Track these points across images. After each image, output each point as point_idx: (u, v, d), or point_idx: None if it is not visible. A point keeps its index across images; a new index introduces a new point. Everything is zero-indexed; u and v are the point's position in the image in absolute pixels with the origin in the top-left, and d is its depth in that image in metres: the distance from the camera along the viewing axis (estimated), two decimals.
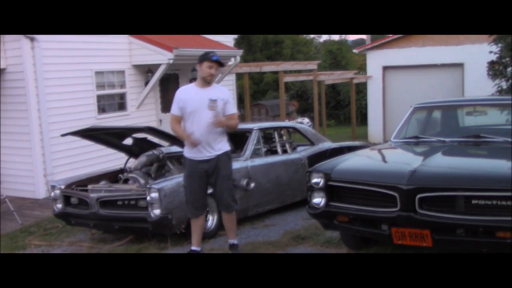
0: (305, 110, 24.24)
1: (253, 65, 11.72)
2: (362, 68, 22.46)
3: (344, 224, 4.55)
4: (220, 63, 5.01)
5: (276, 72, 24.50)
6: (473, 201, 3.89)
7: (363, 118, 20.06)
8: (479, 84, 13.82)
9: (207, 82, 4.98)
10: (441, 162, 4.44)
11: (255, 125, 7.18)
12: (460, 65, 14.53)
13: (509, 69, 9.27)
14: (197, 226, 5.14)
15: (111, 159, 9.09)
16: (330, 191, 4.58)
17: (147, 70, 10.43)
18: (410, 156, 5.03)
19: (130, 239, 6.23)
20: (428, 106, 5.81)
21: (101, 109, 9.85)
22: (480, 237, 3.91)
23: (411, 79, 15.31)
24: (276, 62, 12.79)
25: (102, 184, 6.43)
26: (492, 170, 4.18)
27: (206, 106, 4.89)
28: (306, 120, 21.58)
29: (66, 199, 6.37)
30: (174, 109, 5.08)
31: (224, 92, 5.10)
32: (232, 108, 5.11)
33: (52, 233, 6.93)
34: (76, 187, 6.42)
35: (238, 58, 11.53)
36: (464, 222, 3.89)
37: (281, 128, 7.76)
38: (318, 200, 4.63)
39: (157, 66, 10.12)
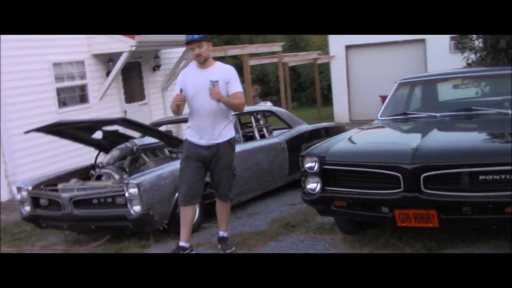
0: (266, 93, 23.97)
1: (218, 49, 11.34)
2: (321, 48, 22.34)
3: (342, 209, 4.33)
4: (198, 40, 4.55)
5: (235, 57, 24.19)
6: (481, 177, 3.73)
7: (325, 99, 19.98)
8: (442, 59, 13.92)
9: (200, 63, 4.66)
10: (442, 139, 4.26)
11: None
12: (422, 41, 14.55)
13: (476, 42, 9.23)
14: (187, 217, 4.76)
15: (76, 154, 8.62)
16: (325, 175, 4.34)
17: (108, 59, 9.91)
18: (406, 134, 4.84)
19: (108, 238, 5.84)
20: (414, 81, 5.62)
21: (62, 103, 9.30)
22: (488, 214, 3.76)
23: (374, 57, 15.26)
24: (241, 46, 12.43)
25: (73, 182, 5.99)
26: (499, 143, 4.02)
27: (207, 88, 4.57)
28: (268, 103, 21.25)
29: (35, 200, 5.92)
30: (177, 90, 4.73)
31: (226, 70, 4.73)
32: (236, 87, 4.70)
33: (21, 237, 6.44)
34: (45, 187, 5.97)
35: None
36: (473, 200, 3.73)
37: (257, 112, 7.46)
38: (313, 185, 4.38)
39: (118, 54, 9.61)
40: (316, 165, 4.35)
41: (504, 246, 4.08)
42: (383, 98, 14.43)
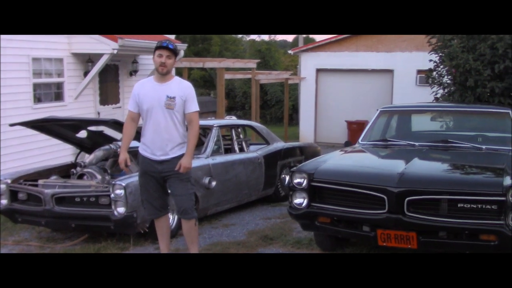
0: (231, 108, 24.19)
1: (195, 60, 11.50)
2: (288, 68, 22.76)
3: (326, 225, 4.55)
4: (172, 51, 4.46)
5: (203, 69, 24.30)
6: (459, 205, 4.03)
7: (289, 118, 20.36)
8: (407, 90, 14.52)
9: (161, 74, 4.47)
10: (425, 166, 4.56)
11: (214, 122, 7.03)
12: (390, 71, 15.12)
13: (445, 78, 9.68)
14: (161, 228, 4.75)
15: (48, 151, 8.59)
16: (312, 191, 4.56)
17: (87, 60, 9.88)
18: (389, 159, 5.12)
19: (84, 238, 5.86)
20: (394, 110, 5.96)
21: (37, 99, 9.20)
22: (464, 240, 4.06)
23: (343, 82, 15.72)
24: (218, 59, 12.65)
25: (54, 179, 6.00)
26: (477, 175, 4.35)
27: (163, 104, 4.43)
28: (233, 118, 21.57)
29: (13, 194, 5.88)
30: (131, 105, 4.62)
31: (185, 87, 4.54)
32: (192, 106, 4.51)
33: None
34: (24, 181, 5.94)
35: (182, 52, 11.24)
36: (450, 225, 4.02)
37: (238, 126, 7.65)
38: (300, 200, 4.60)
39: (98, 56, 9.60)
40: (305, 181, 4.56)
41: None
42: (349, 123, 14.96)
